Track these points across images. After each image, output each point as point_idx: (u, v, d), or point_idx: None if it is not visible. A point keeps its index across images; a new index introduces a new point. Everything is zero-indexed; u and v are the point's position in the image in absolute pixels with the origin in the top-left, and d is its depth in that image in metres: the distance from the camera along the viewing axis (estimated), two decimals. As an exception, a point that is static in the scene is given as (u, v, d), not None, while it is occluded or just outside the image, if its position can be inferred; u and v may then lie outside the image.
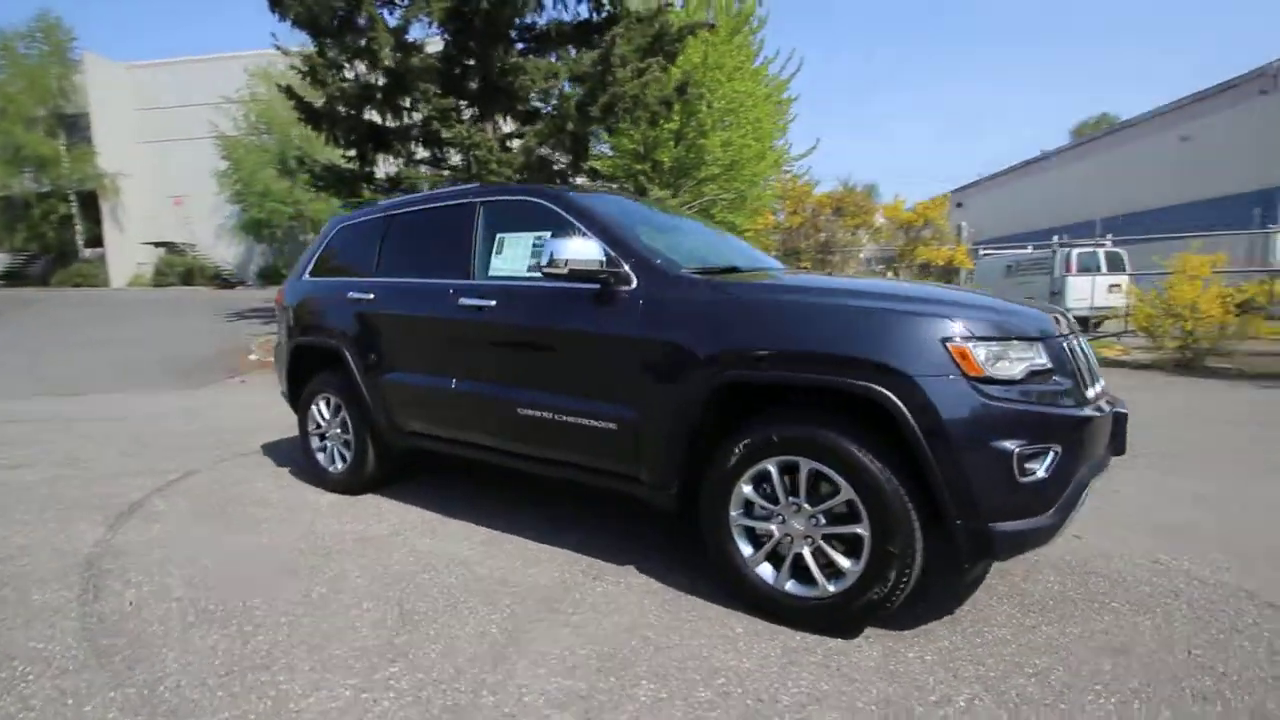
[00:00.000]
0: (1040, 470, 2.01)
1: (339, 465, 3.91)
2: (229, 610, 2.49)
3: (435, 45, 12.30)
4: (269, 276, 26.33)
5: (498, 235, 3.19)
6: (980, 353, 2.00)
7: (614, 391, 2.63)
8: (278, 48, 10.99)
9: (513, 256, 3.11)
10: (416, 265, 3.54)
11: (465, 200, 3.39)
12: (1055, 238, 12.37)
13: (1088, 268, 14.13)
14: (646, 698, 1.93)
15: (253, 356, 11.41)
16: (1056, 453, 2.03)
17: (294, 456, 4.80)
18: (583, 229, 2.84)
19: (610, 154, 17.08)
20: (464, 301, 3.13)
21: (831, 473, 2.14)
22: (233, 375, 10.11)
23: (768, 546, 2.33)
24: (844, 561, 2.17)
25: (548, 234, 3.01)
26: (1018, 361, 2.05)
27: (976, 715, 1.84)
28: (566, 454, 2.87)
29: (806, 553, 2.24)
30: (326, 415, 3.96)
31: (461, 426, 3.26)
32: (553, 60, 12.49)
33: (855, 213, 15.42)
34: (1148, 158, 19.73)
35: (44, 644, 2.26)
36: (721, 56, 16.08)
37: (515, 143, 12.74)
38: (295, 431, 5.57)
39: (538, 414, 2.86)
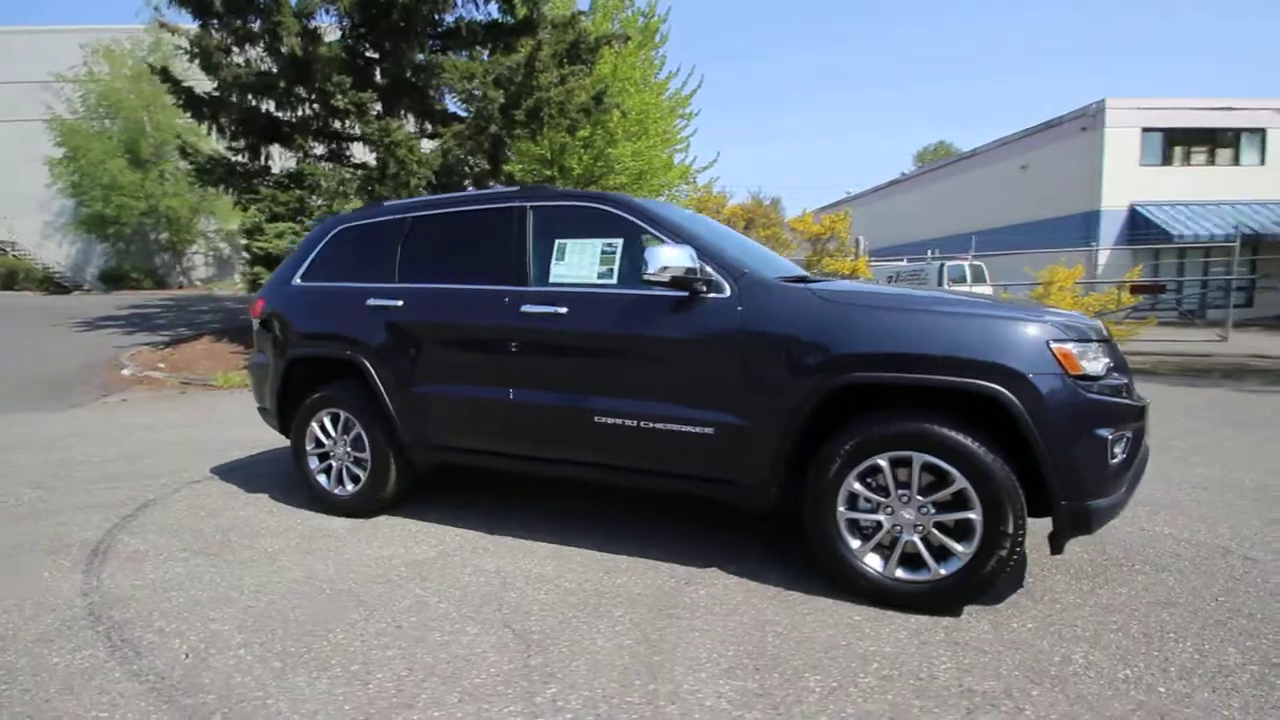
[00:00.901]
0: (1121, 453, 2.34)
1: (348, 487, 3.60)
2: (317, 651, 2.26)
3: (331, 35, 11.52)
4: (114, 280, 23.07)
5: (557, 241, 3.12)
6: (1076, 353, 2.30)
7: (713, 397, 2.69)
8: (163, 25, 9.75)
9: (578, 263, 3.06)
10: (452, 270, 3.36)
11: (510, 204, 3.28)
12: (929, 251, 13.82)
13: (955, 279, 16.01)
14: (819, 688, 2.01)
15: (126, 371, 10.00)
16: (1129, 437, 2.37)
17: (266, 480, 4.35)
18: (665, 236, 2.87)
19: (512, 158, 16.78)
20: (527, 309, 3.03)
21: (944, 464, 2.35)
22: (109, 393, 8.82)
23: (877, 537, 2.49)
24: (956, 545, 2.37)
25: (619, 241, 3.01)
26: (1097, 360, 2.36)
27: (1097, 667, 2.10)
28: (649, 461, 2.87)
29: (916, 540, 2.43)
30: (333, 433, 3.62)
31: (517, 439, 3.14)
32: (465, 59, 12.13)
33: (766, 224, 16.27)
34: (998, 182, 22.64)
35: (113, 714, 1.93)
36: (630, 69, 16.39)
37: (425, 143, 12.22)
38: (247, 452, 5.12)
39: (619, 422, 2.84)
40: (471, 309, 3.20)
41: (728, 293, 2.70)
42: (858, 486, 2.49)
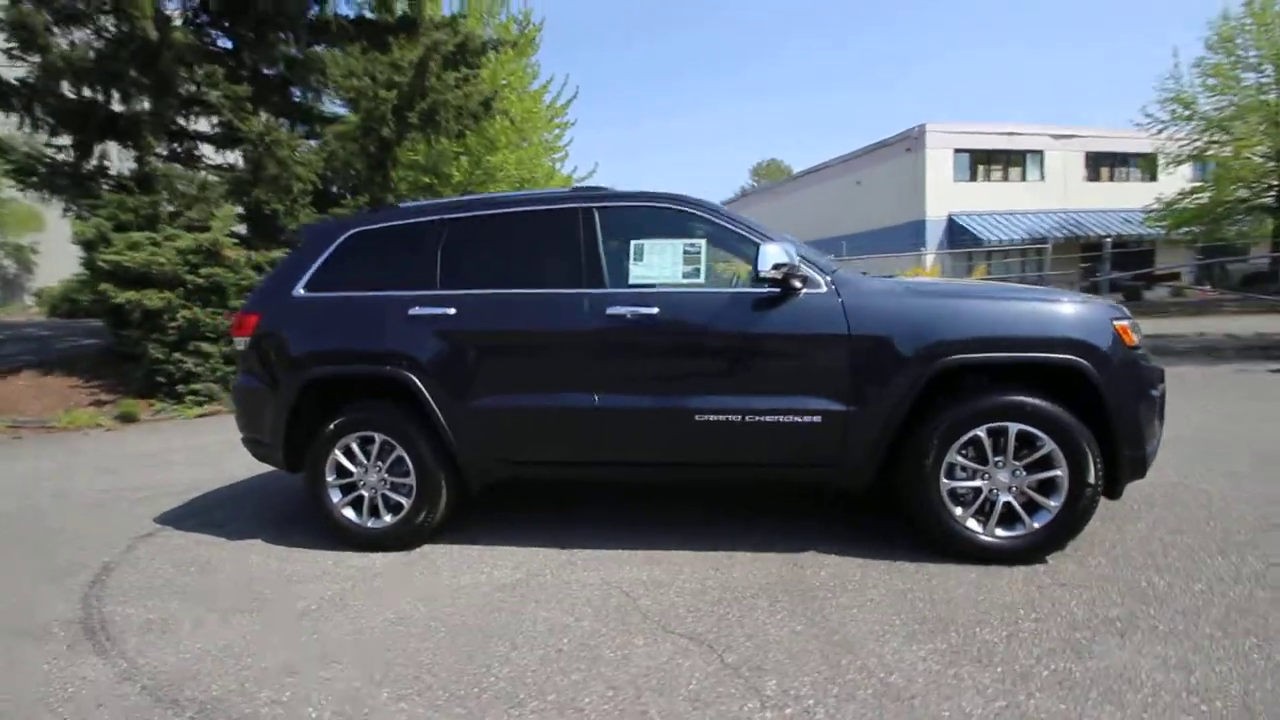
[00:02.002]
0: (1161, 406, 2.82)
1: (386, 518, 3.23)
2: (492, 690, 2.06)
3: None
4: None
5: (633, 242, 3.08)
6: (1130, 327, 2.74)
7: (818, 386, 2.82)
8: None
9: (659, 263, 3.04)
10: (509, 275, 3.17)
11: (571, 205, 3.17)
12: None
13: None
14: (997, 638, 2.21)
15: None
16: (1164, 393, 2.87)
17: (236, 525, 3.78)
18: (750, 235, 2.96)
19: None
20: (615, 310, 2.95)
21: (1036, 430, 2.68)
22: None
23: (977, 502, 2.77)
24: (1048, 501, 2.72)
25: (702, 240, 3.05)
26: (1139, 333, 2.84)
27: (1176, 586, 2.51)
28: (754, 453, 2.93)
29: (1012, 500, 2.75)
30: (364, 460, 3.24)
31: (605, 445, 3.03)
32: (339, 54, 11.21)
33: None
34: (837, 194, 25.28)
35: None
36: (508, 74, 16.12)
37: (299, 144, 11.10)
38: (180, 499, 4.39)
39: (724, 418, 2.87)
40: (544, 314, 3.05)
41: (824, 288, 2.86)
42: (957, 458, 2.76)
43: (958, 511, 2.78)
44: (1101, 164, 24.40)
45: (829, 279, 2.87)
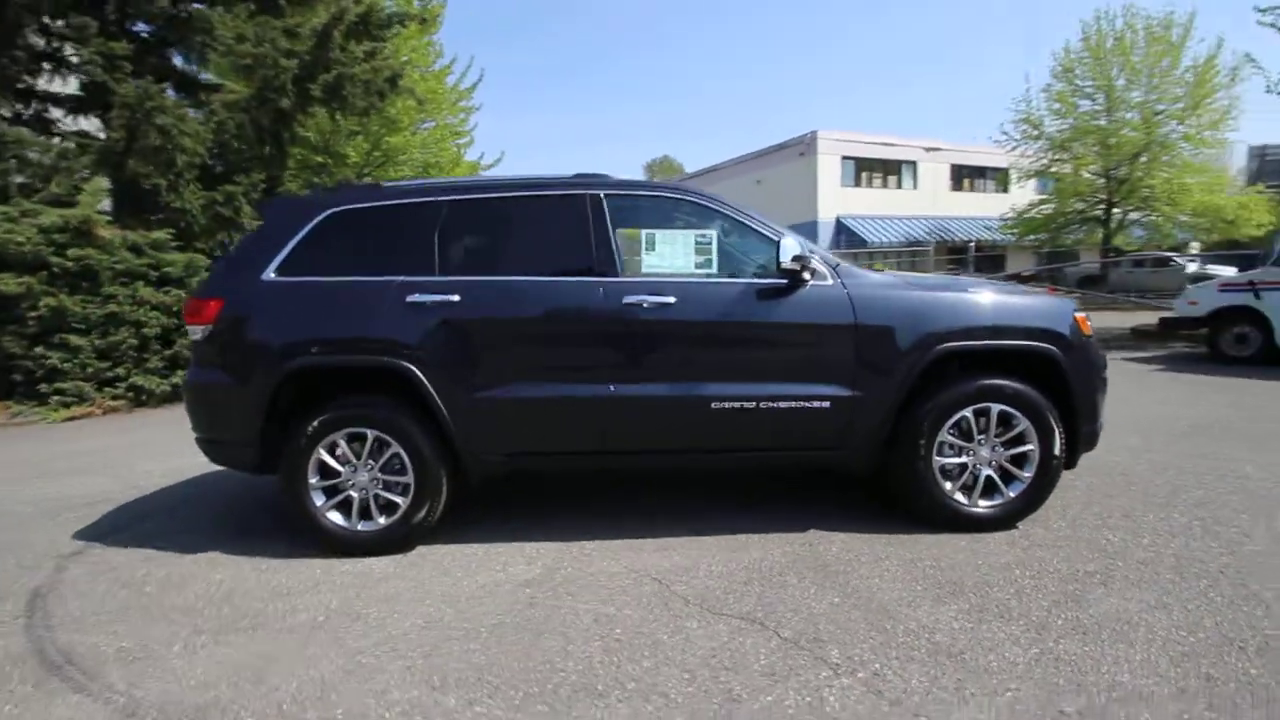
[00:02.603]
0: (1106, 386, 3.24)
1: (380, 519, 3.02)
2: (568, 684, 2.02)
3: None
4: None
5: (644, 231, 3.08)
6: (1086, 318, 3.13)
7: (828, 372, 2.98)
8: None
9: (671, 253, 3.06)
10: (514, 261, 3.06)
11: (578, 191, 3.11)
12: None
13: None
14: (1008, 595, 2.46)
15: None
16: (1107, 375, 3.29)
17: (178, 536, 3.38)
18: (761, 229, 3.07)
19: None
20: (632, 299, 2.94)
21: (1013, 410, 3.00)
22: None
23: (963, 477, 3.06)
24: (1022, 472, 3.05)
25: (713, 232, 3.11)
26: (1091, 324, 3.24)
27: (1150, 541, 2.92)
28: (766, 439, 3.04)
29: (992, 473, 3.05)
30: (352, 459, 3.00)
31: (618, 435, 3.02)
32: (224, 14, 10.13)
33: None
34: (739, 193, 26.23)
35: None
36: (411, 52, 15.29)
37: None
38: (85, 517, 3.82)
39: (739, 405, 2.96)
40: (558, 302, 2.98)
41: (830, 280, 3.02)
42: (947, 437, 3.02)
43: (947, 486, 3.05)
44: (964, 176, 27.17)
45: (834, 271, 3.04)
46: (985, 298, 3.08)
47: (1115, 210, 20.64)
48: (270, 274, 3.06)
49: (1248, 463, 4.04)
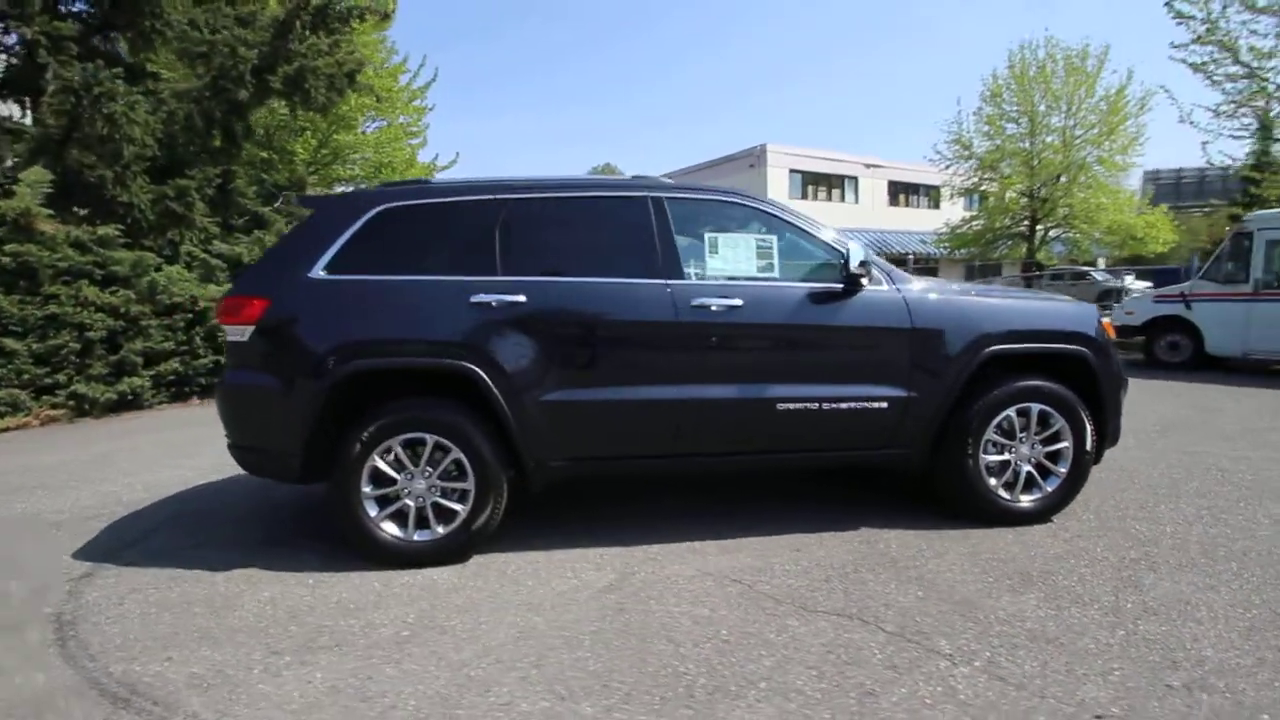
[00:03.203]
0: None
1: (438, 529, 2.90)
2: (699, 684, 2.01)
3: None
4: None
5: (706, 235, 3.10)
6: (1110, 323, 3.36)
7: (885, 374, 3.08)
8: None
9: (734, 257, 3.09)
10: (577, 262, 3.02)
11: (639, 193, 3.11)
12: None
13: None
14: (1074, 584, 2.61)
15: None
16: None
17: (198, 552, 3.14)
18: (822, 235, 3.17)
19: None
20: (700, 302, 2.95)
21: (1050, 409, 3.19)
22: None
23: (1006, 474, 3.22)
24: (1058, 468, 3.24)
25: (773, 236, 3.17)
26: (1113, 328, 3.49)
27: (1171, 528, 3.15)
28: (826, 439, 3.11)
29: (1031, 469, 3.24)
30: (409, 465, 2.88)
31: (686, 436, 3.01)
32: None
33: None
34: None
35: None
36: (365, 47, 14.78)
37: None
38: (93, 520, 3.58)
39: (803, 406, 3.02)
40: (626, 304, 2.96)
41: (885, 285, 3.13)
42: (992, 435, 3.18)
43: (992, 482, 3.21)
44: (900, 192, 28.59)
45: (888, 276, 3.15)
46: (1024, 303, 3.28)
47: (1039, 227, 22.17)
48: (319, 272, 2.90)
49: (1223, 456, 4.45)
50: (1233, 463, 4.30)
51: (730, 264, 3.11)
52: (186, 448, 5.67)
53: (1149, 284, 17.86)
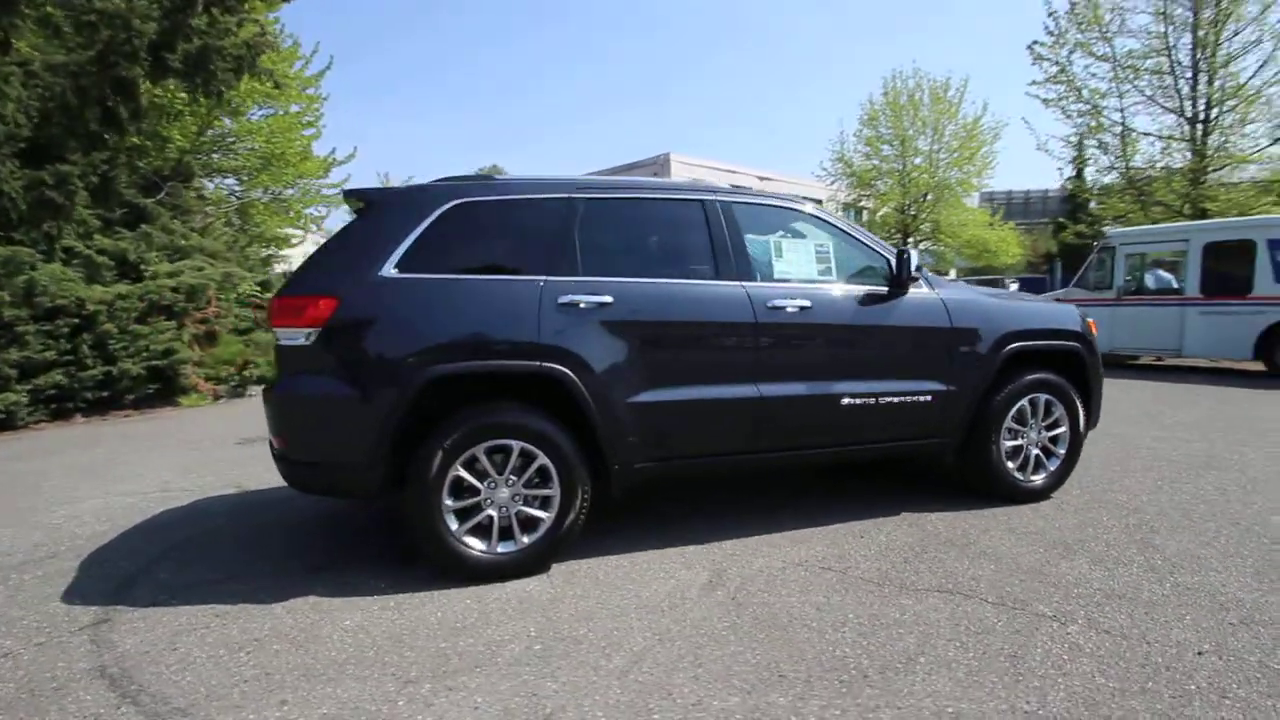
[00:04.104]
0: (1099, 378, 4.03)
1: (523, 539, 2.78)
2: (867, 666, 2.10)
3: None
4: None
5: (771, 239, 3.21)
6: (1093, 321, 3.87)
7: (930, 370, 3.35)
8: None
9: (797, 261, 3.24)
10: (658, 264, 3.03)
11: (703, 197, 3.17)
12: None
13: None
14: (1105, 545, 3.00)
15: None
16: None
17: (231, 583, 2.82)
18: (868, 241, 3.39)
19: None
20: (776, 303, 3.05)
21: (1054, 398, 3.62)
22: None
23: (1020, 457, 3.61)
24: (1060, 450, 3.68)
25: (830, 242, 3.35)
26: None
27: (1160, 502, 3.67)
28: (880, 432, 3.32)
29: (1039, 452, 3.65)
30: (493, 473, 2.73)
31: (764, 434, 3.10)
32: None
33: None
34: (593, 207, 26.67)
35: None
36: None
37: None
38: (66, 558, 3.12)
39: (864, 401, 3.22)
40: (709, 305, 2.99)
41: (925, 287, 3.41)
42: (1010, 423, 3.56)
43: (1010, 465, 3.58)
44: (788, 203, 30.41)
45: (926, 279, 3.44)
46: (1031, 305, 3.70)
47: (910, 239, 24.49)
48: (390, 270, 2.69)
49: (1144, 437, 5.23)
50: (1156, 442, 5.08)
51: (795, 267, 3.25)
52: (105, 470, 4.98)
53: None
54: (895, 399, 3.29)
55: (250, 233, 14.24)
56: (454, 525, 2.70)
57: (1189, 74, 13.36)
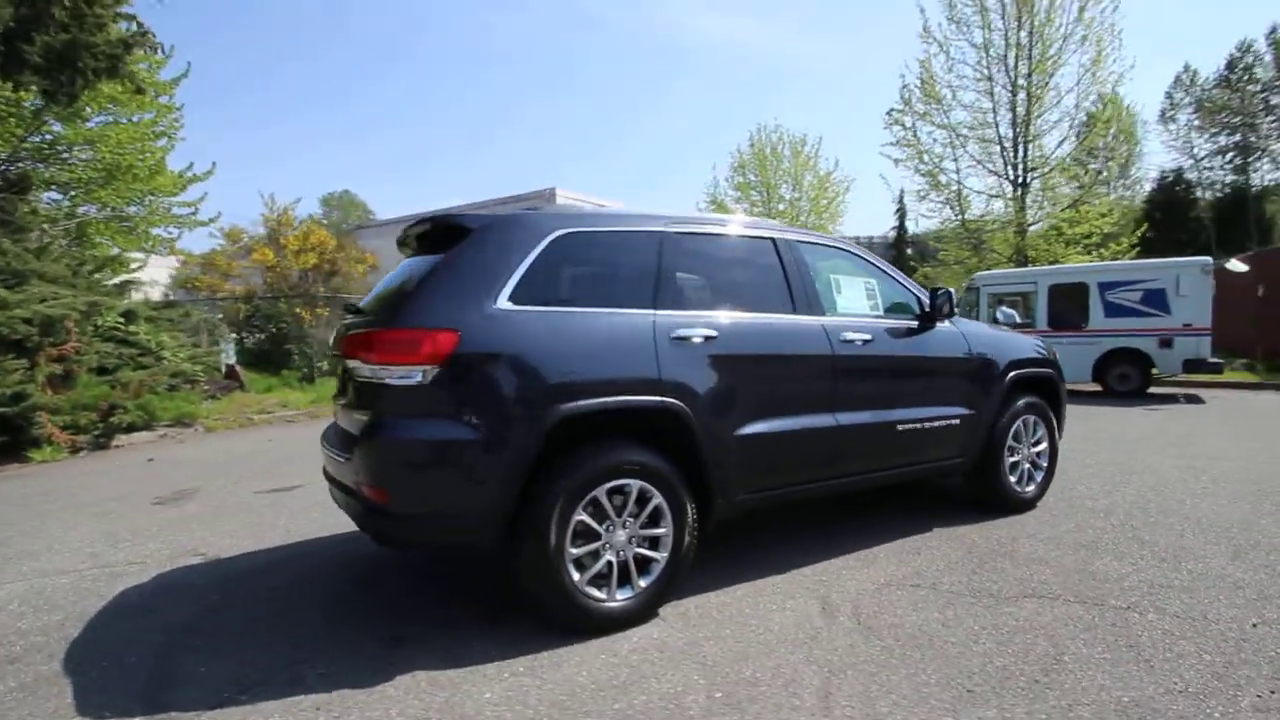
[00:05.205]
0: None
1: (641, 583, 2.65)
2: (1060, 668, 2.27)
3: None
4: None
5: (830, 276, 3.40)
6: (1055, 351, 4.49)
7: (957, 396, 3.70)
8: None
9: (853, 296, 3.45)
10: (742, 298, 3.06)
11: (768, 235, 3.30)
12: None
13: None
14: (1115, 543, 3.47)
15: None
16: None
17: (266, 680, 2.41)
18: (898, 278, 3.71)
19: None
20: (846, 337, 3.22)
21: (1039, 419, 4.15)
22: None
23: (1018, 471, 4.08)
24: (1043, 463, 4.21)
25: (875, 280, 3.62)
26: None
27: (1109, 508, 4.28)
28: (921, 455, 3.59)
29: (1029, 466, 4.15)
30: (613, 516, 2.59)
31: (839, 461, 3.22)
32: None
33: (360, 257, 13.51)
34: (474, 239, 25.77)
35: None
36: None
37: None
38: (39, 667, 2.81)
39: (913, 427, 3.48)
40: (795, 339, 3.10)
41: (947, 322, 3.79)
42: (1011, 441, 4.02)
43: (1012, 479, 4.04)
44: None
45: (948, 315, 3.82)
46: (1019, 337, 4.24)
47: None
48: (504, 303, 2.50)
49: (1072, 450, 6.09)
50: (1071, 453, 5.92)
51: (851, 302, 3.47)
52: None
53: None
54: (936, 423, 3.60)
55: (83, 254, 12.16)
56: (575, 576, 2.52)
57: (1010, 144, 16.07)
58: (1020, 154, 16.05)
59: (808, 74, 71.44)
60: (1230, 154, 34.75)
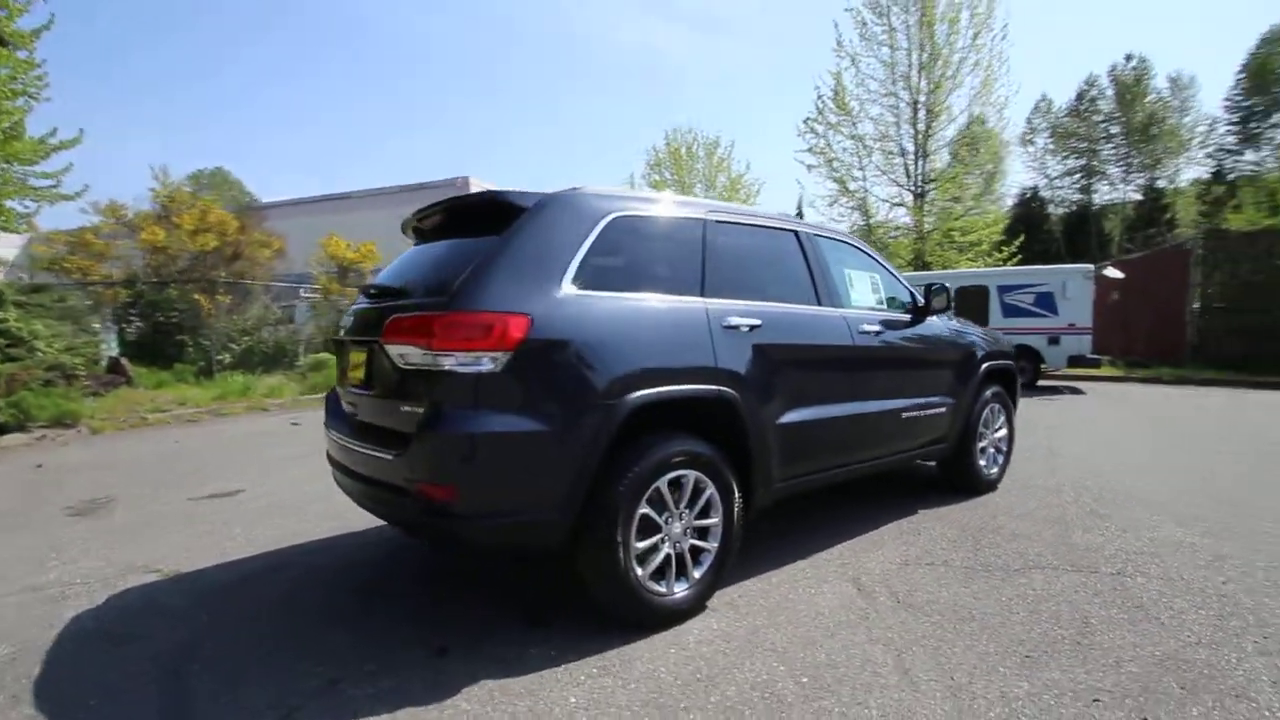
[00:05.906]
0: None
1: (695, 574, 2.61)
2: (1127, 638, 2.46)
3: None
4: None
5: (844, 271, 3.50)
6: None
7: (945, 386, 3.94)
8: None
9: (863, 290, 3.57)
10: (763, 288, 3.07)
11: (792, 228, 3.35)
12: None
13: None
14: (1082, 517, 3.84)
15: None
16: None
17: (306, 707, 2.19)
18: (895, 273, 3.89)
19: None
20: (864, 328, 3.33)
21: (1001, 407, 4.51)
22: None
23: (986, 454, 4.40)
24: (1003, 447, 4.57)
25: (879, 275, 3.77)
26: None
27: (1075, 493, 4.72)
28: (915, 441, 3.78)
29: (992, 449, 4.49)
30: (672, 508, 2.53)
31: (855, 447, 3.32)
32: None
33: (266, 240, 11.86)
34: (384, 224, 24.23)
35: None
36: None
37: None
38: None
39: (913, 414, 3.66)
40: (824, 329, 3.17)
41: (938, 315, 4.02)
42: (981, 428, 4.34)
43: (982, 463, 4.35)
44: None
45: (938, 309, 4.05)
46: (988, 331, 4.57)
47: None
48: (570, 287, 2.37)
49: (1023, 438, 6.64)
50: (1039, 441, 6.45)
51: (862, 295, 3.59)
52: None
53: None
54: (930, 411, 3.81)
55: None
56: (639, 570, 2.44)
57: (911, 156, 17.35)
58: (920, 166, 17.37)
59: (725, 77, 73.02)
60: (1077, 175, 39.45)
